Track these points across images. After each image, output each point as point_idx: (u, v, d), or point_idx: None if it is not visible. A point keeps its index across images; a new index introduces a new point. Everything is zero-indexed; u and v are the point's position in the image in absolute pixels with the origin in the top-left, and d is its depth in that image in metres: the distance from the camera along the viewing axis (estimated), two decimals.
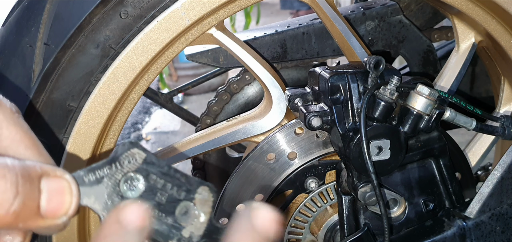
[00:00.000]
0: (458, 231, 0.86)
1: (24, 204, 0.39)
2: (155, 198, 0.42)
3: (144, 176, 0.42)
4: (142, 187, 0.42)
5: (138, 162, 0.42)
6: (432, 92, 0.82)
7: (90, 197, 0.42)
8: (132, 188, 0.42)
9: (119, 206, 0.41)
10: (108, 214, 0.42)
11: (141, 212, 0.40)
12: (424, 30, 1.26)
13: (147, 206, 0.41)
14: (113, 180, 0.42)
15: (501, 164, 0.86)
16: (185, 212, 0.43)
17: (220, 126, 1.01)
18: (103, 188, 0.42)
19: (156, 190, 0.42)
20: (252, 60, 0.94)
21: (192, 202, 0.43)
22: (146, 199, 0.42)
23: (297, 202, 0.99)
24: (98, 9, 0.81)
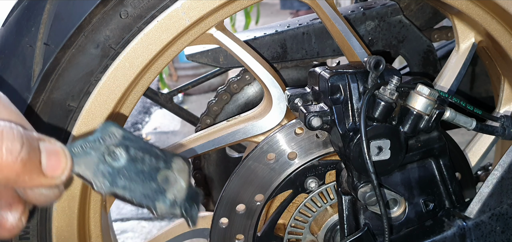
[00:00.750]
0: (458, 231, 0.86)
1: (29, 156, 0.43)
2: (138, 166, 0.47)
3: (125, 149, 0.47)
4: (124, 158, 0.47)
5: (118, 138, 0.47)
6: (432, 92, 0.82)
7: (80, 165, 0.46)
8: (115, 159, 0.47)
9: None
10: None
11: None
12: (424, 30, 1.26)
13: None
14: (98, 152, 0.46)
15: (501, 164, 0.86)
16: (165, 179, 0.48)
17: (220, 126, 1.01)
18: (91, 159, 0.46)
19: (137, 160, 0.47)
20: (252, 60, 0.94)
21: (171, 170, 0.48)
22: (130, 168, 0.47)
23: (297, 202, 0.99)
24: (98, 9, 0.81)
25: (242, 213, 0.96)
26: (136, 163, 0.47)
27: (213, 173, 1.34)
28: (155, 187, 0.48)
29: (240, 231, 0.97)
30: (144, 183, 0.47)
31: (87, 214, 0.95)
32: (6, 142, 0.42)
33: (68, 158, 0.46)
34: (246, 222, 0.97)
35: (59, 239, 0.91)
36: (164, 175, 0.48)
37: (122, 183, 0.47)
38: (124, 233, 2.53)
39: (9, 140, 0.43)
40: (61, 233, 0.91)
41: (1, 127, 0.43)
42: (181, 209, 0.48)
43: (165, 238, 1.10)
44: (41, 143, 0.46)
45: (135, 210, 2.73)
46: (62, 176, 0.46)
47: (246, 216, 0.96)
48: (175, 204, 0.48)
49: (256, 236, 0.98)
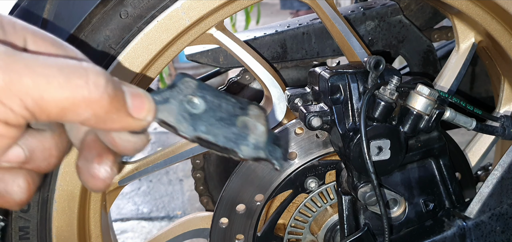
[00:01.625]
0: (458, 231, 0.86)
1: (115, 92, 0.42)
2: (217, 113, 0.48)
3: (202, 97, 0.48)
4: (203, 106, 0.48)
5: (194, 87, 0.48)
6: (432, 92, 0.82)
7: (162, 112, 0.46)
8: (194, 107, 0.47)
9: None
10: None
11: None
12: (424, 30, 1.26)
13: None
14: (178, 100, 0.47)
15: (501, 164, 0.86)
16: (244, 125, 0.48)
17: None
18: (171, 106, 0.47)
19: (215, 107, 0.48)
20: (252, 60, 0.94)
21: (248, 116, 0.49)
22: (209, 115, 0.48)
23: (297, 202, 0.99)
24: (98, 9, 0.81)
25: (242, 213, 0.96)
26: (214, 110, 0.48)
27: (213, 173, 1.34)
28: (236, 131, 0.48)
29: (240, 231, 0.97)
30: (225, 128, 0.47)
31: (87, 214, 0.95)
32: (92, 76, 0.40)
33: (151, 101, 0.45)
34: (246, 222, 0.97)
35: (59, 239, 0.91)
36: (242, 121, 0.49)
37: (204, 128, 0.47)
38: (124, 233, 2.53)
39: (94, 74, 0.40)
40: (61, 233, 0.91)
41: (84, 63, 0.41)
42: (265, 151, 0.48)
43: (165, 238, 1.10)
44: (123, 85, 0.44)
45: (135, 210, 2.73)
46: (148, 117, 0.45)
47: (246, 216, 0.96)
48: (258, 147, 0.48)
49: (256, 236, 0.98)
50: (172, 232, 1.11)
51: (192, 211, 2.68)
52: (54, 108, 0.39)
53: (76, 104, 0.40)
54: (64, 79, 0.39)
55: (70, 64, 0.40)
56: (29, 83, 0.38)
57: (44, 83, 0.38)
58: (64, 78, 0.39)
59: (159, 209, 2.74)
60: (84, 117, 0.41)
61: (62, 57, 0.43)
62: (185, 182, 3.01)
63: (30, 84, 0.38)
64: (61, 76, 0.39)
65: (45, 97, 0.38)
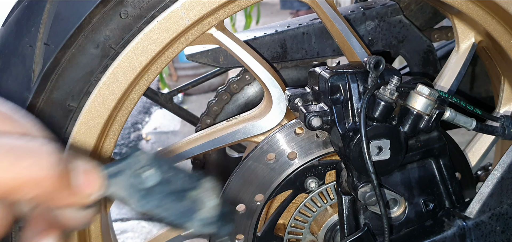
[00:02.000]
0: (458, 231, 0.86)
1: (63, 171, 0.43)
2: (169, 187, 0.48)
3: (154, 170, 0.48)
4: (155, 179, 0.48)
5: (147, 160, 0.48)
6: (432, 92, 0.82)
7: (114, 186, 0.47)
8: (147, 180, 0.48)
9: None
10: None
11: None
12: (424, 30, 1.26)
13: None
14: (130, 174, 0.47)
15: (501, 164, 0.86)
16: (196, 200, 0.49)
17: (220, 126, 1.01)
18: (123, 180, 0.47)
19: (168, 181, 0.48)
20: (252, 60, 0.94)
21: (201, 190, 0.50)
22: (161, 189, 0.48)
23: (297, 202, 0.99)
24: (98, 9, 0.81)
25: (242, 213, 0.96)
26: (167, 184, 0.48)
27: (213, 173, 1.34)
28: (187, 206, 0.48)
29: (240, 231, 0.97)
30: (176, 202, 0.48)
31: None
32: (39, 157, 0.41)
33: (101, 177, 0.46)
34: (246, 222, 0.97)
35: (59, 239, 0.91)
36: (194, 195, 0.49)
37: (156, 202, 0.47)
38: (124, 233, 2.53)
39: (42, 155, 0.42)
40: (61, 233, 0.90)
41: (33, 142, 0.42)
42: (215, 226, 0.49)
43: (165, 238, 1.10)
44: (74, 160, 0.45)
45: None
46: (96, 193, 0.45)
47: (246, 216, 0.96)
48: (208, 222, 0.49)
49: (256, 236, 0.98)
50: (172, 232, 1.11)
51: None
52: (2, 188, 0.40)
53: (21, 185, 0.40)
54: (9, 163, 0.40)
55: (17, 146, 0.41)
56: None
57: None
58: (9, 162, 0.40)
59: None
60: (31, 197, 0.42)
61: (14, 134, 0.43)
62: None
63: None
64: (7, 160, 0.40)
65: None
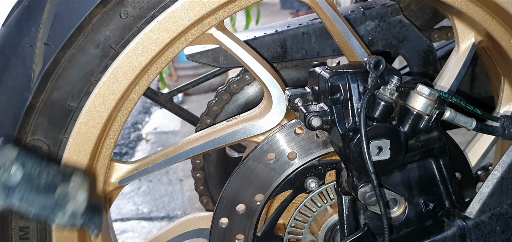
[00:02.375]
0: (458, 231, 0.86)
1: None
2: (34, 182, 0.48)
3: (20, 166, 0.48)
4: (20, 175, 0.48)
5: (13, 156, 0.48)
6: (432, 92, 0.82)
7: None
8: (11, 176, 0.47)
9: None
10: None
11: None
12: (424, 30, 1.26)
13: None
14: None
15: (501, 164, 0.86)
16: (64, 194, 0.49)
17: (220, 126, 1.01)
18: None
19: (34, 177, 0.48)
20: (252, 60, 0.94)
21: (69, 185, 0.49)
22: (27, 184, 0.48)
23: (297, 202, 0.99)
24: (98, 9, 0.81)
25: (242, 213, 0.96)
26: (33, 179, 0.48)
27: (213, 173, 1.34)
28: (53, 200, 0.48)
29: (240, 231, 0.97)
30: (41, 197, 0.48)
31: None
32: None
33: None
34: (246, 222, 0.97)
35: (59, 239, 0.91)
36: (62, 191, 0.49)
37: (19, 196, 0.47)
38: (124, 233, 2.53)
39: None
40: (61, 233, 0.91)
41: None
42: (83, 219, 0.49)
43: (165, 238, 1.10)
44: None
45: (135, 210, 2.73)
46: None
47: (246, 216, 0.96)
48: (76, 215, 0.49)
49: (256, 236, 0.98)
50: (172, 232, 1.11)
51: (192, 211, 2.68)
52: None
53: None
54: None
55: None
56: None
57: None
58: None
59: (159, 209, 2.74)
60: None
61: None
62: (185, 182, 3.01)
63: None
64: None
65: None
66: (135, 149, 3.71)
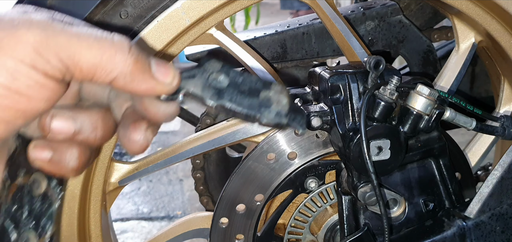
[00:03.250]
0: (458, 231, 0.86)
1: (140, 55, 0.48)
2: (240, 87, 0.51)
3: (226, 74, 0.52)
4: (227, 81, 0.51)
5: (219, 66, 0.52)
6: (432, 92, 0.82)
7: (189, 84, 0.51)
8: (219, 82, 0.51)
9: None
10: None
11: None
12: (424, 30, 1.26)
13: None
14: (203, 76, 0.51)
15: (501, 164, 0.86)
16: (267, 98, 0.52)
17: (220, 126, 1.01)
18: (197, 80, 0.51)
19: (239, 83, 0.52)
20: (252, 60, 0.94)
21: (271, 91, 0.52)
22: (233, 88, 0.51)
23: (297, 202, 0.99)
24: (98, 9, 0.81)
25: (242, 213, 0.96)
26: (238, 85, 0.52)
27: (213, 173, 1.34)
28: (259, 101, 0.51)
29: (240, 231, 0.97)
30: (248, 99, 0.51)
31: (87, 214, 0.95)
32: (118, 40, 0.47)
33: (176, 69, 0.50)
34: (246, 222, 0.97)
35: (60, 238, 0.91)
36: (265, 95, 0.52)
37: (228, 97, 0.50)
38: (124, 233, 2.53)
39: (120, 39, 0.48)
40: (61, 233, 0.91)
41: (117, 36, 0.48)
42: (287, 118, 0.51)
43: (165, 238, 1.10)
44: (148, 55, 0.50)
45: (135, 210, 2.73)
46: (173, 82, 0.50)
47: (246, 216, 0.96)
48: (280, 114, 0.51)
49: (256, 236, 0.98)
50: (172, 232, 1.11)
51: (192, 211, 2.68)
52: (85, 64, 0.46)
53: (104, 61, 0.46)
54: (93, 40, 0.46)
55: (100, 31, 0.47)
56: (64, 41, 0.45)
57: (76, 42, 0.45)
58: (93, 39, 0.46)
59: (159, 209, 2.74)
60: (112, 76, 0.47)
61: None
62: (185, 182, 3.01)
63: (64, 42, 0.45)
64: (91, 38, 0.46)
65: (77, 54, 0.45)
66: None
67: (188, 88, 0.50)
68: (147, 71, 0.49)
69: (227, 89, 0.51)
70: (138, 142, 0.51)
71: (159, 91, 0.50)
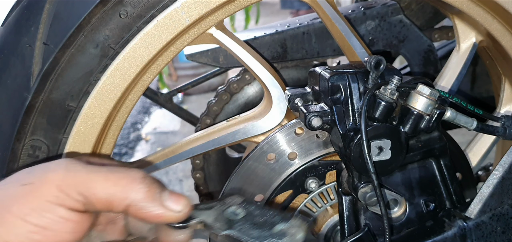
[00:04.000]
0: (459, 231, 0.86)
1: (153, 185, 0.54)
2: (255, 220, 0.53)
3: (243, 208, 0.54)
4: (242, 214, 0.54)
5: (238, 200, 0.55)
6: (433, 92, 0.81)
7: (201, 215, 0.54)
8: (234, 215, 0.54)
9: None
10: None
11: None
12: (425, 30, 1.26)
13: None
14: (220, 209, 0.54)
15: (502, 164, 0.85)
16: (282, 232, 0.52)
17: (220, 126, 1.01)
18: (212, 212, 0.54)
19: (255, 216, 0.53)
20: (252, 60, 0.94)
21: (288, 225, 0.53)
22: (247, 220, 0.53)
23: (297, 203, 0.99)
24: (98, 8, 0.80)
25: None
26: (253, 217, 0.53)
27: (213, 173, 1.34)
28: (270, 233, 0.52)
29: None
30: (259, 231, 0.52)
31: None
32: (132, 172, 0.54)
33: (188, 200, 0.55)
34: None
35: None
36: (280, 229, 0.53)
37: (239, 227, 0.52)
38: None
39: (134, 171, 0.54)
40: None
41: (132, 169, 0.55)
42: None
43: None
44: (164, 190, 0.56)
45: None
46: (183, 210, 0.54)
47: None
48: None
49: None
50: None
51: None
52: (103, 194, 0.52)
53: (119, 191, 0.52)
54: (110, 173, 0.53)
55: (115, 166, 0.54)
56: (83, 176, 0.52)
57: (93, 176, 0.52)
58: (109, 172, 0.53)
59: None
60: (126, 203, 0.52)
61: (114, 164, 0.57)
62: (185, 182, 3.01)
63: (83, 177, 0.52)
64: (108, 171, 0.53)
65: (95, 186, 0.52)
66: (134, 149, 3.71)
67: (200, 218, 0.53)
68: (158, 200, 0.53)
69: (240, 221, 0.53)
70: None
71: (168, 218, 0.54)
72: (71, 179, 0.51)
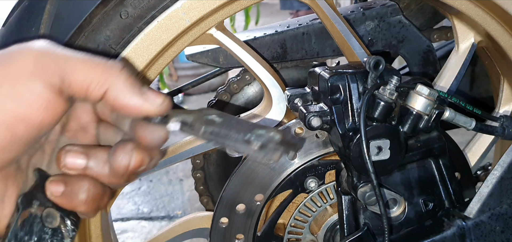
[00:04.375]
0: (458, 231, 0.87)
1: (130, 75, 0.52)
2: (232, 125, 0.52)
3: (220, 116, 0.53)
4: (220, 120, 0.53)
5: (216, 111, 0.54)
6: (432, 92, 0.82)
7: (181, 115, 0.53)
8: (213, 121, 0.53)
9: None
10: None
11: None
12: (424, 30, 1.26)
13: None
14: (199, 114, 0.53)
15: (501, 164, 0.86)
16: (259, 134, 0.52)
17: None
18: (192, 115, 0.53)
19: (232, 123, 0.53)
20: (252, 60, 0.95)
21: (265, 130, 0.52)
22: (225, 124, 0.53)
23: (297, 202, 0.99)
24: (99, 9, 0.81)
25: (242, 213, 0.96)
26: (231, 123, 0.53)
27: (213, 173, 1.34)
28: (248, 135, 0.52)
29: (240, 231, 0.98)
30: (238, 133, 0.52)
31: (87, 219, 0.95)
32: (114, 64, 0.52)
33: (167, 97, 0.53)
34: (246, 222, 0.97)
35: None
36: (258, 132, 0.52)
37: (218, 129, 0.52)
38: (124, 233, 2.53)
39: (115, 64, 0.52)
40: None
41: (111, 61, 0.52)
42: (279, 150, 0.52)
43: (165, 238, 1.10)
44: None
45: (135, 210, 2.73)
46: (163, 103, 0.52)
47: (246, 216, 0.96)
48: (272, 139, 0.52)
49: (256, 236, 0.99)
50: (172, 232, 1.11)
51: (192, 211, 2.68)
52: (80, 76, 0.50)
53: (97, 74, 0.50)
54: (88, 58, 0.51)
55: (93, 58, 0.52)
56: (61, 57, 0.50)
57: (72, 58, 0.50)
58: (88, 58, 0.51)
59: (159, 209, 2.74)
60: (105, 88, 0.50)
61: None
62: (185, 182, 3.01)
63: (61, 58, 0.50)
64: (86, 57, 0.51)
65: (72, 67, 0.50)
66: None
67: (181, 118, 0.52)
68: (137, 88, 0.52)
69: (219, 123, 0.52)
70: (120, 161, 0.53)
71: (148, 110, 0.52)
72: (48, 56, 0.50)
